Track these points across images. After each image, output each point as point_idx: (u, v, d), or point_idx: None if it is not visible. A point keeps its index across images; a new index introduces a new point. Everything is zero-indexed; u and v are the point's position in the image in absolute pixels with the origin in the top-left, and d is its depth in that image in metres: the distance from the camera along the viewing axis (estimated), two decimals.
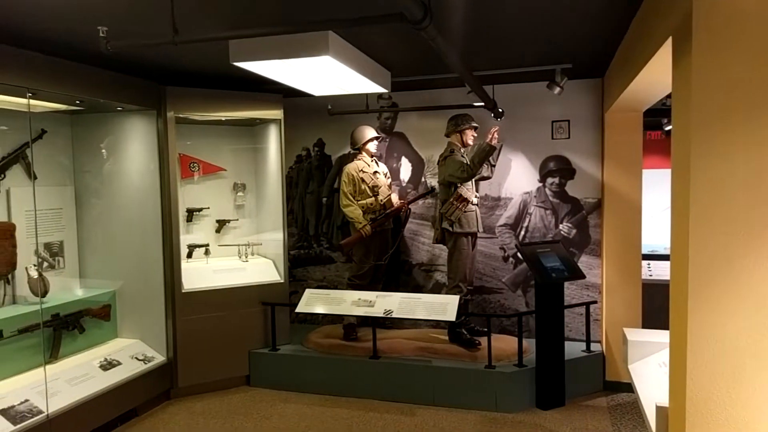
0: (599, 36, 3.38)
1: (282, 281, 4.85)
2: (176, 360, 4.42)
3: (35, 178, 4.09)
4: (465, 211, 4.34)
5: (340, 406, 4.27)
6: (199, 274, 4.66)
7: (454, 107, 4.50)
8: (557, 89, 4.02)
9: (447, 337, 4.56)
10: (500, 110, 4.41)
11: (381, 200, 4.69)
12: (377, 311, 4.31)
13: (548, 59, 3.91)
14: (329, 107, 4.73)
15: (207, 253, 4.98)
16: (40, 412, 3.38)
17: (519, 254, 4.67)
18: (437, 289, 5.04)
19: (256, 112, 4.68)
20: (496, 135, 4.19)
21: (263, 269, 4.95)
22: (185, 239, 4.79)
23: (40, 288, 3.85)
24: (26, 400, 3.40)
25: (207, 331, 4.50)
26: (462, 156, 4.38)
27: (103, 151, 4.48)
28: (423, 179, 5.13)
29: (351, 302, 4.46)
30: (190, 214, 4.95)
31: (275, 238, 4.97)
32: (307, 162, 5.50)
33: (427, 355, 4.40)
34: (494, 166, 4.57)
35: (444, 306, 4.17)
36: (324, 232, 5.51)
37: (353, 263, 4.85)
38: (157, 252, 4.40)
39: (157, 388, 4.32)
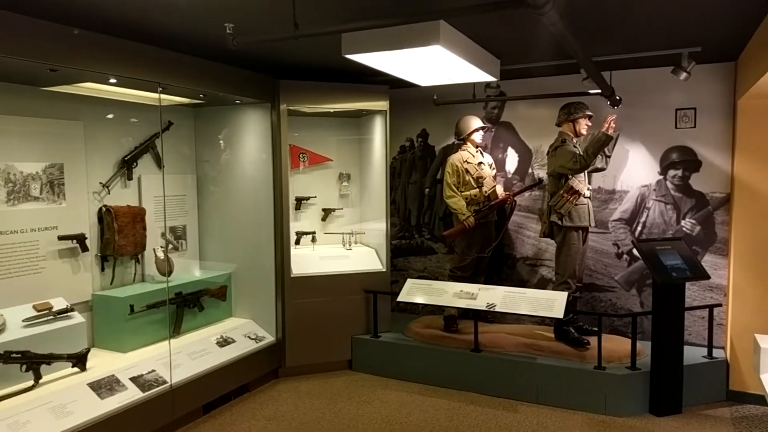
0: (734, 15, 3.07)
1: (384, 270, 4.92)
2: (284, 341, 4.63)
3: (163, 166, 4.43)
4: (576, 204, 4.16)
5: (440, 397, 4.27)
6: (306, 260, 4.84)
7: (567, 95, 4.30)
8: (683, 75, 3.72)
9: (553, 335, 4.40)
10: (618, 97, 4.15)
11: (485, 191, 4.60)
12: (480, 304, 4.26)
13: (674, 42, 3.62)
14: (435, 97, 4.71)
15: (313, 240, 5.16)
16: (165, 381, 3.67)
17: (635, 251, 4.40)
18: (542, 284, 4.88)
19: (362, 104, 4.76)
20: (612, 124, 3.95)
21: (366, 258, 5.04)
22: (293, 227, 4.98)
23: (167, 268, 4.17)
24: (153, 370, 3.71)
25: (313, 315, 4.67)
26: (574, 146, 4.18)
27: (221, 141, 4.76)
28: (530, 170, 4.96)
29: (453, 294, 4.43)
30: (299, 202, 5.15)
31: (378, 227, 5.04)
32: (411, 152, 5.52)
33: (532, 351, 4.28)
34: (609, 156, 4.33)
35: (551, 302, 4.03)
36: (426, 222, 5.51)
37: (455, 255, 4.81)
38: (269, 238, 4.61)
39: (266, 367, 4.55)
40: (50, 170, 3.66)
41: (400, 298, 4.60)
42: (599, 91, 3.95)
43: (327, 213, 5.27)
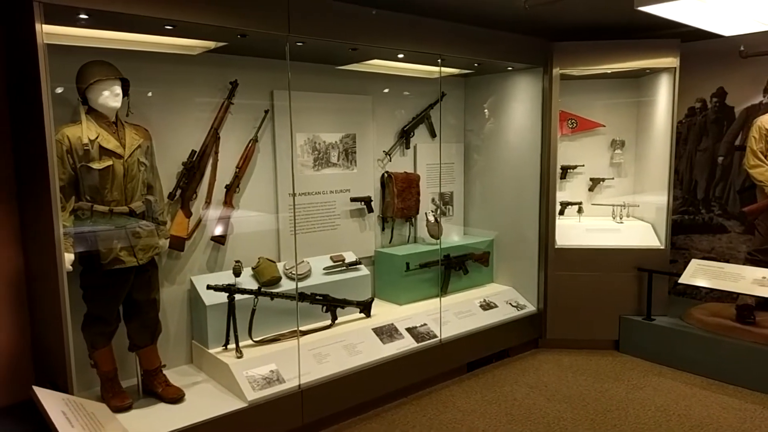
0: None
1: (662, 247, 4.43)
2: (545, 312, 4.55)
3: (435, 135, 4.68)
4: None
5: (728, 395, 3.73)
6: (572, 232, 4.64)
7: None
8: None
9: None
10: None
11: None
12: None
13: None
14: (741, 48, 4.01)
15: (580, 211, 4.92)
16: (435, 336, 3.93)
17: None
18: None
19: (646, 62, 4.29)
20: None
21: (640, 233, 4.62)
22: (558, 196, 4.81)
23: (440, 231, 4.44)
24: (425, 324, 4.00)
25: (577, 289, 4.48)
26: None
27: (486, 111, 4.80)
28: None
29: (752, 280, 3.79)
30: (564, 171, 4.94)
31: (656, 200, 4.55)
32: (702, 115, 4.81)
33: None
34: None
35: None
36: (717, 196, 4.79)
37: (756, 235, 4.11)
38: (533, 207, 4.54)
39: (527, 335, 4.54)
40: (345, 140, 4.16)
41: (681, 280, 4.11)
42: None
43: (595, 183, 4.96)
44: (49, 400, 2.29)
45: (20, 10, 2.40)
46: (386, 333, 3.79)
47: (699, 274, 4.09)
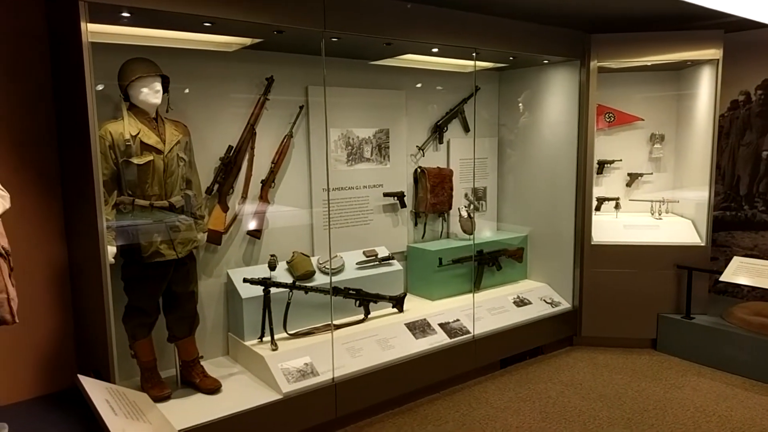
0: None
1: (703, 244, 4.32)
2: (581, 309, 4.48)
3: (468, 130, 4.65)
4: None
5: None
6: (609, 228, 4.56)
7: None
8: None
9: None
10: None
11: None
12: None
13: None
14: None
15: (617, 206, 4.82)
16: (468, 331, 3.92)
17: None
18: None
19: (688, 53, 4.17)
20: None
21: (680, 229, 4.51)
22: (595, 191, 4.72)
23: (473, 227, 4.40)
24: (457, 320, 3.99)
25: (613, 286, 4.40)
26: None
27: (520, 104, 4.74)
28: None
29: None
30: (601, 166, 4.85)
31: (696, 195, 4.43)
32: (745, 109, 4.66)
33: None
34: None
35: None
36: (760, 192, 4.63)
37: None
38: (569, 202, 4.47)
39: (561, 332, 4.48)
40: (379, 135, 4.16)
41: (723, 278, 4.00)
42: None
43: (633, 178, 4.86)
44: (93, 388, 2.37)
45: (65, 9, 2.47)
46: (419, 328, 3.79)
47: (741, 271, 3.97)
